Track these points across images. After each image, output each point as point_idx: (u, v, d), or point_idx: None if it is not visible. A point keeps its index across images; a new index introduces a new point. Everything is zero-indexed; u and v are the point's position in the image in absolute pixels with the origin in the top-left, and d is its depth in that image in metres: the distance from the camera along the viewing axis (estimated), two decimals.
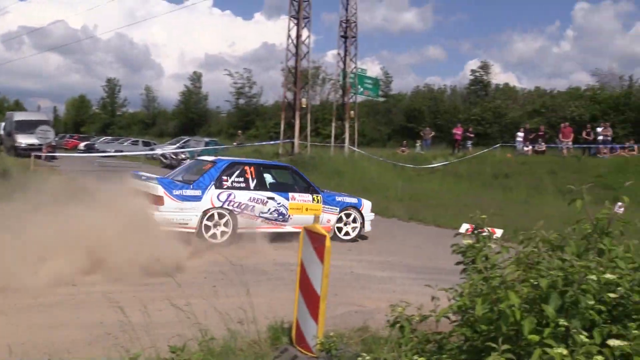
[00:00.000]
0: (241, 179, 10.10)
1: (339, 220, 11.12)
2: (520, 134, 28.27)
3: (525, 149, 27.61)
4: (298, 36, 26.88)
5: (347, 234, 11.22)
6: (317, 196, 10.85)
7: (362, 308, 6.36)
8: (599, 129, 26.17)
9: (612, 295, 2.36)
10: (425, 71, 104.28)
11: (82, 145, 39.52)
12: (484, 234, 2.92)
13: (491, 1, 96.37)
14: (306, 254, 4.50)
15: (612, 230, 2.63)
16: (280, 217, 10.38)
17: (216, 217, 9.64)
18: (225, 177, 9.93)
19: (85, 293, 6.23)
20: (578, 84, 51.66)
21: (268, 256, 8.94)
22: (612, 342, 2.02)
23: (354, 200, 11.47)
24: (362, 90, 33.73)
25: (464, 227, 4.98)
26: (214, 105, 62.13)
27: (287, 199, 10.48)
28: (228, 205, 9.77)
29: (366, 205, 11.53)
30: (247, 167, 10.31)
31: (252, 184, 10.18)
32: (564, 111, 35.48)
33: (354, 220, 11.26)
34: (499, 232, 13.93)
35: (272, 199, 10.30)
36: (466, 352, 2.41)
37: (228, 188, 9.88)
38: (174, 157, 26.71)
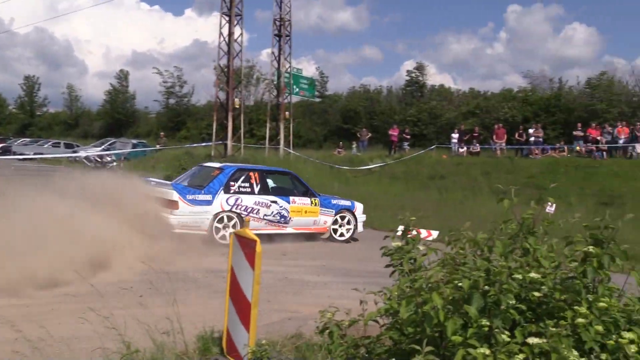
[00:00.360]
0: (247, 184, 11.17)
1: (335, 222, 12.13)
2: (455, 135, 29.10)
3: (460, 150, 28.46)
4: (230, 34, 26.66)
5: (342, 235, 12.25)
6: (315, 199, 11.97)
7: (296, 314, 6.36)
8: (530, 130, 27.35)
9: (536, 294, 2.47)
10: (361, 71, 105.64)
11: None
12: (413, 235, 2.99)
13: (426, 2, 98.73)
14: (236, 259, 4.47)
15: (537, 230, 2.75)
16: (282, 219, 11.46)
17: (225, 219, 10.69)
18: (232, 183, 10.99)
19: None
20: (511, 85, 53.86)
21: (198, 263, 8.80)
22: (531, 340, 2.12)
23: (347, 203, 12.57)
24: (297, 91, 33.80)
25: (400, 229, 5.08)
26: (143, 105, 60.62)
27: (288, 202, 11.58)
28: (236, 208, 10.83)
29: (359, 207, 12.67)
30: (251, 173, 11.43)
31: (256, 189, 11.27)
32: (498, 112, 36.75)
33: (348, 222, 12.29)
34: (434, 233, 14.18)
35: (275, 202, 11.39)
36: (394, 355, 2.47)
37: (235, 192, 10.93)
38: (99, 159, 25.89)
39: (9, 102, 67.57)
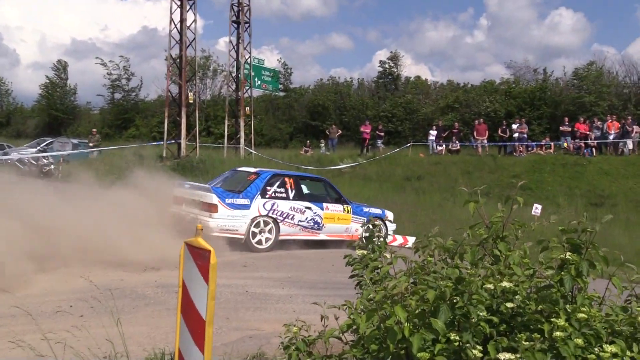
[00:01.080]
0: (282, 190, 12.19)
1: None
2: (433, 132, 29.42)
3: (439, 147, 28.80)
4: (182, 20, 26.46)
5: None
6: (347, 207, 13.12)
7: (258, 332, 6.37)
8: (514, 126, 27.89)
9: (509, 305, 2.53)
10: (329, 62, 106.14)
11: None
12: (379, 242, 3.04)
13: None
14: (188, 272, 4.43)
15: (507, 235, 2.82)
16: (316, 225, 12.55)
17: (262, 224, 11.74)
18: (268, 187, 12.00)
19: None
20: (493, 77, 54.81)
21: (149, 277, 8.74)
22: (502, 356, 2.17)
23: (378, 211, 13.77)
24: (259, 84, 33.82)
25: (364, 235, 5.14)
26: (84, 101, 59.68)
27: (322, 208, 12.69)
28: (272, 213, 11.87)
29: (389, 215, 13.90)
30: (287, 179, 12.47)
31: (291, 194, 12.30)
32: (479, 107, 37.32)
33: (379, 231, 12.50)
34: (411, 240, 14.46)
35: (309, 208, 12.47)
36: None
37: (271, 197, 11.94)
38: (34, 162, 25.41)
39: None
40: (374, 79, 48.50)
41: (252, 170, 12.93)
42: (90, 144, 30.32)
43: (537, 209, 12.25)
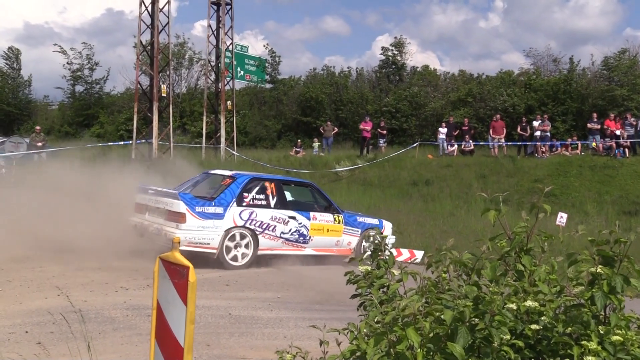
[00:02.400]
0: (262, 196, 11.91)
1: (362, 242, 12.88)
2: (443, 130, 29.42)
3: (450, 148, 28.84)
4: (154, 1, 26.51)
5: None
6: (338, 216, 12.82)
7: None
8: (535, 123, 27.94)
9: (534, 326, 2.55)
10: (323, 49, 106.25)
11: None
12: (385, 257, 3.05)
13: None
14: (163, 292, 4.44)
15: (532, 247, 2.84)
16: (301, 238, 12.25)
17: (238, 237, 11.42)
18: (246, 194, 11.68)
19: None
20: (511, 67, 54.97)
21: (116, 297, 8.73)
22: None
23: (375, 221, 13.51)
24: (242, 74, 33.89)
25: (368, 250, 5.15)
26: (41, 94, 59.56)
27: (309, 218, 12.39)
28: (250, 224, 11.56)
29: (387, 226, 13.60)
30: (267, 183, 12.15)
31: (272, 202, 12.00)
32: (495, 101, 37.40)
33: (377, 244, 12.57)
34: (419, 254, 14.49)
35: (294, 218, 12.16)
36: None
37: (248, 205, 11.63)
38: None
39: None
40: (374, 69, 48.62)
41: (227, 173, 12.56)
42: (39, 144, 28.04)
43: (562, 218, 12.30)
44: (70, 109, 52.96)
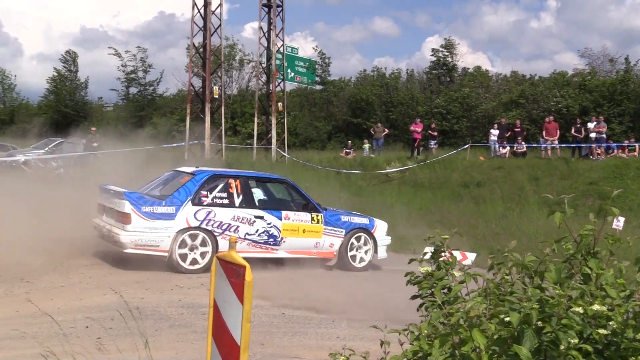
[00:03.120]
0: (224, 195, 11.11)
1: (351, 246, 12.09)
2: (495, 132, 29.11)
3: (502, 150, 28.51)
4: (207, 4, 26.80)
5: (362, 260, 12.21)
6: (317, 215, 11.86)
7: None
8: (590, 125, 27.41)
9: (602, 331, 2.49)
10: (372, 51, 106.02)
11: None
12: (446, 258, 3.03)
13: None
14: (220, 291, 4.48)
15: (599, 250, 2.78)
16: (271, 239, 11.37)
17: (189, 239, 10.56)
18: (205, 192, 10.93)
19: None
20: (564, 67, 53.91)
21: (172, 295, 8.88)
22: None
23: (363, 220, 12.51)
24: (292, 76, 33.99)
25: (428, 251, 5.12)
26: (96, 96, 60.77)
27: (280, 218, 11.49)
28: (207, 224, 10.72)
29: (379, 227, 12.60)
30: (232, 180, 11.30)
31: (237, 201, 11.19)
32: (548, 102, 36.83)
33: (365, 245, 12.23)
34: (470, 256, 14.26)
35: (261, 218, 11.27)
36: None
37: (208, 205, 10.86)
38: (42, 165, 25.98)
39: None
40: (425, 70, 48.34)
41: (189, 170, 11.84)
42: (94, 145, 28.85)
43: (619, 221, 12.04)
44: (124, 111, 53.89)
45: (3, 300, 8.10)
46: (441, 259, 3.02)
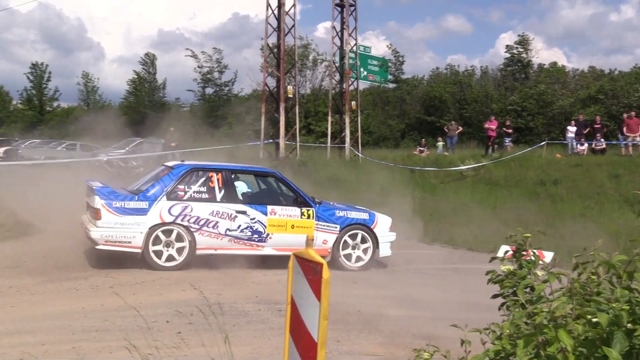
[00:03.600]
0: (204, 189, 10.57)
1: (345, 244, 11.27)
2: (572, 128, 28.48)
3: (580, 147, 27.82)
4: (280, 5, 27.00)
5: (359, 259, 11.38)
6: (307, 210, 11.08)
7: (373, 357, 6.40)
8: None
9: None
10: (445, 48, 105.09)
11: (1, 151, 39.39)
12: (529, 257, 2.96)
13: None
14: (298, 288, 4.50)
15: None
16: (256, 235, 10.71)
17: (165, 235, 10.12)
18: (182, 187, 10.44)
19: (8, 346, 6.22)
20: None
21: (248, 291, 8.99)
22: None
23: (362, 215, 11.60)
24: (365, 75, 33.88)
25: (503, 250, 5.03)
26: (173, 97, 62.13)
27: (265, 213, 10.80)
28: (182, 220, 10.23)
29: (381, 222, 11.64)
30: (212, 174, 10.71)
31: (218, 195, 10.62)
32: (629, 97, 35.83)
33: (363, 242, 11.38)
34: (548, 256, 14.06)
35: (244, 212, 10.64)
36: None
37: (187, 200, 10.37)
38: (123, 164, 26.71)
39: (13, 95, 69.84)
40: (499, 67, 47.60)
41: (170, 164, 11.40)
42: (173, 144, 29.35)
43: None
44: (200, 111, 54.89)
45: (89, 294, 8.39)
46: (524, 257, 2.96)
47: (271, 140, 27.76)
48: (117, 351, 5.82)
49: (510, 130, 31.05)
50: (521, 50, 46.45)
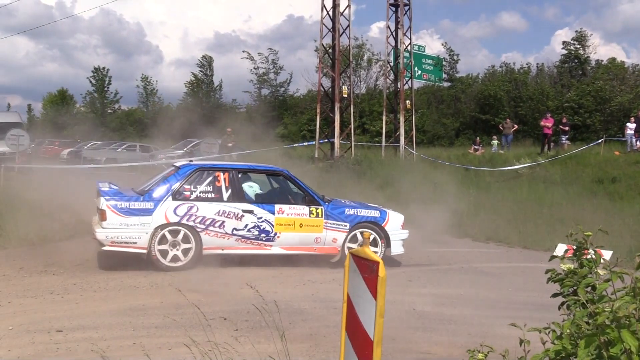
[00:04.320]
0: (210, 189, 10.49)
1: (353, 239, 11.06)
2: (631, 125, 27.80)
3: (639, 144, 27.13)
4: (335, 6, 27.01)
5: None
6: (316, 208, 10.91)
7: (428, 356, 6.35)
8: None
9: None
10: (499, 46, 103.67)
11: (65, 152, 40.26)
12: (589, 256, 2.88)
13: None
14: (354, 286, 4.48)
15: None
16: (263, 235, 10.58)
17: (172, 235, 10.04)
18: (188, 187, 10.36)
19: (73, 341, 6.36)
20: None
21: (304, 289, 9.02)
22: None
23: (373, 213, 11.40)
24: (420, 74, 33.67)
25: (561, 249, 4.92)
26: (230, 98, 62.77)
27: (272, 212, 10.67)
28: (188, 220, 10.15)
29: (393, 219, 11.43)
30: (219, 174, 10.63)
31: (225, 195, 10.52)
32: None
33: (374, 241, 11.13)
34: (607, 254, 13.75)
35: (251, 212, 10.52)
36: None
37: (194, 200, 10.28)
38: None
39: (76, 99, 71.65)
40: (556, 64, 46.74)
41: (178, 163, 11.31)
42: (229, 145, 29.60)
43: None
44: (256, 111, 55.33)
45: (149, 291, 8.53)
46: (585, 256, 2.89)
47: (326, 140, 27.80)
48: (176, 347, 5.89)
49: (566, 128, 30.49)
50: (578, 46, 45.56)
